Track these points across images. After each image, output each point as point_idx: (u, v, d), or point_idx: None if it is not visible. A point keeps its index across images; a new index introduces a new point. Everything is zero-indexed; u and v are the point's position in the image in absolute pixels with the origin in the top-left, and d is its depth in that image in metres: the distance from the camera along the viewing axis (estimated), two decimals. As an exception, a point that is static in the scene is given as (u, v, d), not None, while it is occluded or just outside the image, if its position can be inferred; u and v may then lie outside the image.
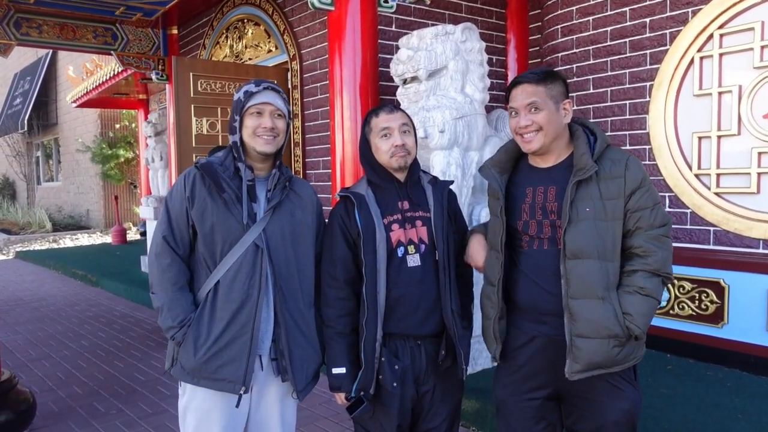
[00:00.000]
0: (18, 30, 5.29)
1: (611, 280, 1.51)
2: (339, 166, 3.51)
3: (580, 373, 1.52)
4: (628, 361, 1.54)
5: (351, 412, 1.63)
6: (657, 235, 1.53)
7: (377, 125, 1.68)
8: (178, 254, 1.62)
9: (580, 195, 1.52)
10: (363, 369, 1.63)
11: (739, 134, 3.17)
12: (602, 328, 1.48)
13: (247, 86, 1.64)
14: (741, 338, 3.13)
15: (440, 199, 1.70)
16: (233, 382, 1.58)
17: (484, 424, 2.68)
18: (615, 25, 3.68)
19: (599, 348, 1.49)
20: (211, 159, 1.66)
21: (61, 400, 3.29)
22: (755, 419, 2.50)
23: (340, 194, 1.71)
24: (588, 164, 1.51)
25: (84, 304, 5.92)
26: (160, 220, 1.66)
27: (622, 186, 1.51)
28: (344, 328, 1.66)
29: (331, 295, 1.67)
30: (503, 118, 3.38)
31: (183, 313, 1.60)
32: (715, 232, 3.28)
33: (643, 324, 1.49)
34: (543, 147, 1.57)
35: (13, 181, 16.66)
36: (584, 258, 1.50)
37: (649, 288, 1.50)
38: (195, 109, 4.47)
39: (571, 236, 1.50)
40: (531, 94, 1.54)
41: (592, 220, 1.50)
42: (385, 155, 1.66)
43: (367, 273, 1.62)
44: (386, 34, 4.06)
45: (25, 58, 15.19)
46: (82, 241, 11.24)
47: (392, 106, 1.72)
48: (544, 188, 1.59)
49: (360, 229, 1.63)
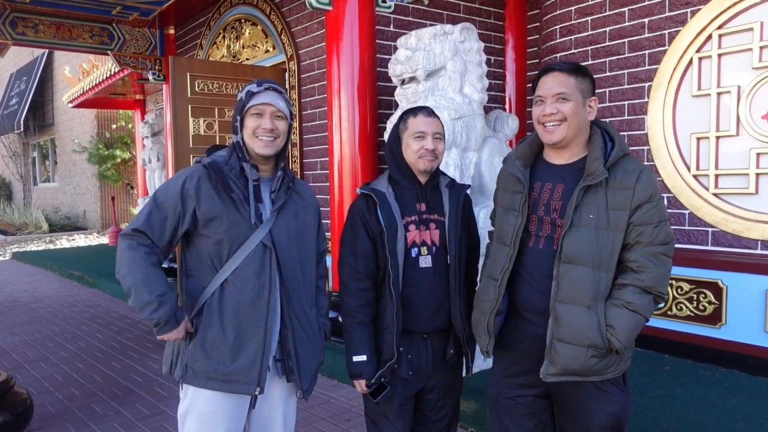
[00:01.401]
0: (14, 29, 5.26)
1: (601, 291, 1.49)
2: (337, 167, 3.50)
3: (554, 376, 1.52)
4: (607, 374, 1.52)
5: (374, 397, 1.71)
6: (656, 252, 1.49)
7: (414, 125, 1.72)
8: (152, 240, 1.55)
9: (587, 200, 1.49)
10: (391, 360, 1.68)
11: (737, 135, 3.17)
12: (583, 337, 1.47)
13: (249, 86, 1.62)
14: (739, 339, 3.13)
15: (456, 204, 1.75)
16: (247, 383, 1.57)
17: (482, 425, 2.68)
18: (614, 25, 3.68)
19: (577, 355, 1.48)
20: (215, 158, 1.62)
21: (59, 402, 3.28)
22: (753, 419, 2.50)
23: (361, 190, 1.75)
24: (598, 170, 1.48)
25: (81, 306, 5.89)
26: (144, 208, 1.58)
27: (630, 198, 1.48)
28: (364, 318, 1.72)
29: (353, 285, 1.72)
30: (502, 119, 3.37)
31: (160, 287, 1.51)
32: (713, 233, 3.28)
33: (625, 339, 1.47)
34: (564, 140, 1.53)
35: (10, 181, 16.61)
36: (578, 264, 1.49)
37: (636, 304, 1.47)
38: (192, 109, 4.45)
39: (570, 241, 1.49)
40: (561, 83, 1.51)
41: (594, 227, 1.48)
42: (414, 155, 1.70)
43: (392, 269, 1.67)
44: (384, 34, 4.05)
45: (20, 58, 15.14)
46: (79, 242, 11.20)
47: (430, 110, 1.76)
48: (552, 185, 1.56)
49: (383, 226, 1.67)
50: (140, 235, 1.56)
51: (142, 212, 1.59)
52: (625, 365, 1.58)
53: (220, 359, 1.57)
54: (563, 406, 1.63)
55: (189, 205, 1.57)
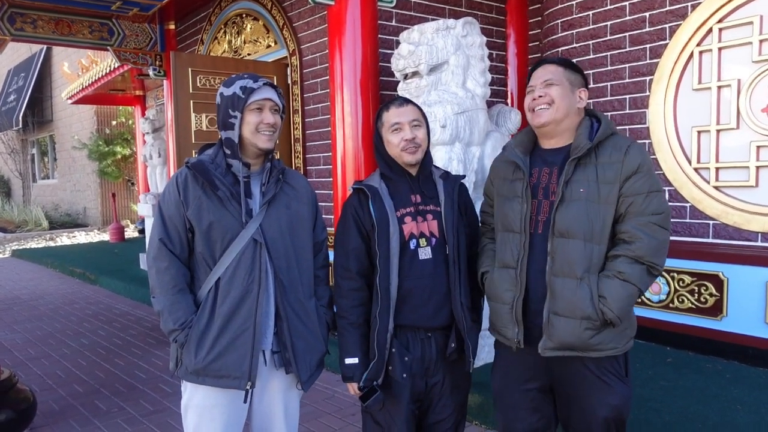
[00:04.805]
0: (12, 25, 5.24)
1: (594, 263, 1.51)
2: (340, 162, 3.50)
3: (552, 350, 1.53)
4: (605, 350, 1.53)
5: (364, 401, 1.64)
6: (647, 222, 1.50)
7: (388, 119, 1.69)
8: (175, 255, 1.62)
9: (577, 176, 1.54)
10: (374, 360, 1.64)
11: (738, 128, 3.18)
12: (577, 309, 1.49)
13: (242, 81, 1.61)
14: (740, 331, 3.15)
15: (451, 192, 1.71)
16: (238, 378, 1.59)
17: (486, 418, 2.70)
18: (615, 19, 3.68)
19: (573, 329, 1.50)
20: (202, 157, 1.65)
21: (62, 399, 3.28)
22: (754, 410, 2.53)
23: (353, 186, 1.72)
24: (582, 143, 1.54)
25: (83, 302, 5.90)
26: (154, 224, 1.65)
27: (619, 171, 1.51)
28: (357, 319, 1.67)
29: (345, 285, 1.69)
30: (504, 113, 3.38)
31: (184, 315, 1.59)
32: (714, 226, 3.30)
33: (617, 308, 1.48)
34: (552, 122, 1.58)
35: (9, 178, 16.57)
36: (570, 237, 1.51)
37: (628, 273, 1.48)
38: (194, 105, 4.45)
39: (561, 214, 1.52)
40: (550, 72, 1.60)
41: (584, 200, 1.51)
42: (396, 149, 1.67)
43: (380, 264, 1.63)
44: (386, 28, 4.05)
45: (18, 54, 15.07)
46: (80, 238, 11.19)
47: (403, 100, 1.73)
48: (549, 169, 1.60)
49: (374, 220, 1.64)
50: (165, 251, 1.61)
51: (156, 222, 1.63)
52: (626, 344, 1.57)
53: (211, 356, 1.58)
54: (565, 398, 1.63)
55: (183, 209, 1.60)
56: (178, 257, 1.62)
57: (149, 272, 1.64)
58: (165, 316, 1.60)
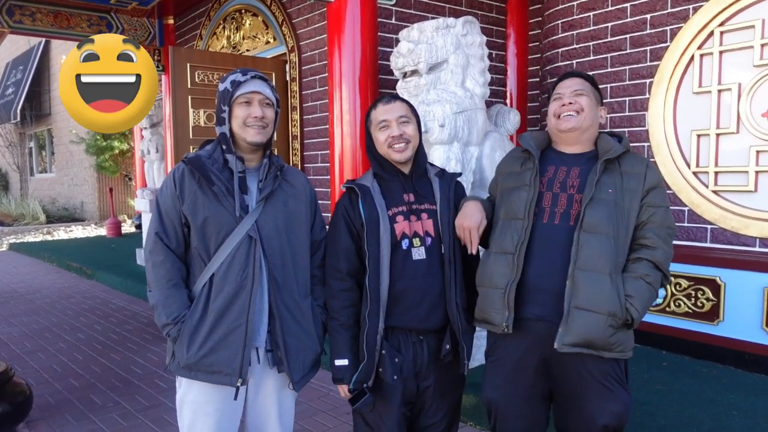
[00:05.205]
0: (11, 17, 5.21)
1: (619, 261, 1.56)
2: (338, 160, 3.49)
3: (569, 347, 1.51)
4: (615, 351, 1.54)
5: (353, 404, 1.63)
6: (665, 234, 1.60)
7: (376, 117, 1.67)
8: (171, 250, 1.62)
9: (604, 179, 1.60)
10: (364, 361, 1.62)
11: (737, 132, 3.17)
12: (603, 304, 1.51)
13: (233, 76, 1.61)
14: (736, 336, 3.15)
15: (447, 191, 1.68)
16: (229, 374, 1.58)
17: (481, 419, 2.69)
18: (615, 21, 3.67)
19: (596, 323, 1.50)
20: (199, 153, 1.65)
21: (58, 393, 3.28)
22: (749, 415, 2.52)
23: (345, 186, 1.70)
24: (614, 146, 1.62)
25: (79, 297, 5.88)
26: (152, 218, 1.65)
27: (642, 182, 1.60)
28: (347, 320, 1.65)
29: (335, 286, 1.67)
30: (503, 114, 3.36)
31: (177, 309, 1.59)
32: (712, 230, 3.29)
33: (641, 308, 1.53)
34: (579, 128, 1.65)
35: (6, 172, 16.51)
36: (599, 233, 1.54)
37: (652, 277, 1.55)
38: (192, 100, 4.42)
39: (591, 211, 1.56)
40: (579, 83, 1.69)
41: (613, 201, 1.57)
42: (384, 147, 1.65)
43: (370, 264, 1.60)
44: (386, 26, 4.03)
45: (17, 47, 15.00)
46: (77, 233, 11.16)
47: (390, 97, 1.71)
48: (567, 168, 1.67)
49: (364, 220, 1.61)
50: (161, 245, 1.61)
51: (154, 217, 1.63)
52: (630, 347, 1.60)
53: (202, 352, 1.58)
54: (564, 405, 1.62)
55: (179, 203, 1.60)
56: (173, 252, 1.62)
57: (146, 266, 1.65)
58: (159, 309, 1.60)
